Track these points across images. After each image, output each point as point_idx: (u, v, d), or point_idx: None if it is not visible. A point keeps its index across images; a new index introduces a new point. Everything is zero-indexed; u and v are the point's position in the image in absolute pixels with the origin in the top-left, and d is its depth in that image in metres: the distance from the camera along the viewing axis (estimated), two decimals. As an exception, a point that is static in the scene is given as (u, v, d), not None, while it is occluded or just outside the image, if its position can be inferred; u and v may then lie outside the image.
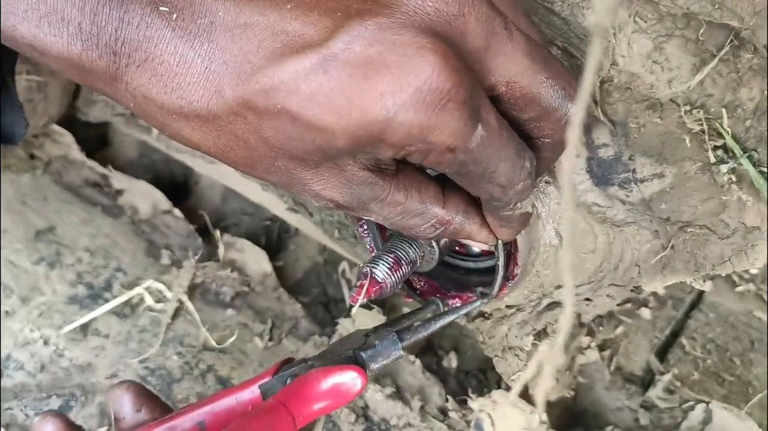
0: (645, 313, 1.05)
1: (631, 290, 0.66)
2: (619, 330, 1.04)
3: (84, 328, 0.96)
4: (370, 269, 0.62)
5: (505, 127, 0.42)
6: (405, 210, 0.45)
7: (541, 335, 0.75)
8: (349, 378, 0.45)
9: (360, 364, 0.50)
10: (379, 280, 0.62)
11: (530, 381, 0.34)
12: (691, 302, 1.08)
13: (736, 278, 1.08)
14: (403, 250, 0.66)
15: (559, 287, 0.69)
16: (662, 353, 1.03)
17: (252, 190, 1.00)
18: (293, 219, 0.99)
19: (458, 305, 0.71)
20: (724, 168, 0.52)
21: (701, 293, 1.08)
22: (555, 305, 0.71)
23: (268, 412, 0.44)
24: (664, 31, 0.51)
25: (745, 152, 0.51)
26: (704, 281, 0.59)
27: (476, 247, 0.75)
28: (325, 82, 0.36)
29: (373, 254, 0.65)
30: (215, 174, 1.06)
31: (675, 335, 1.04)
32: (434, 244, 0.66)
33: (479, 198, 0.47)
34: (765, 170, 0.55)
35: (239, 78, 0.38)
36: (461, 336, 1.10)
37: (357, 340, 0.55)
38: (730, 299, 1.07)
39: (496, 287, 0.63)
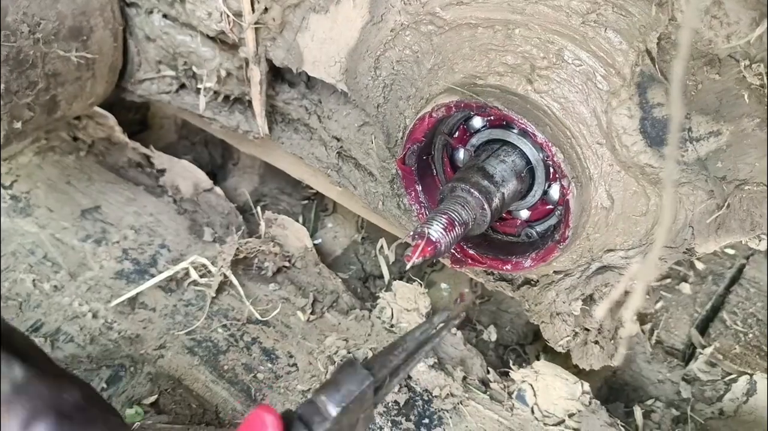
0: (685, 288, 1.05)
1: (684, 253, 0.66)
2: (660, 304, 1.04)
3: (131, 302, 0.98)
4: (426, 229, 0.63)
5: None
6: None
7: (589, 300, 0.75)
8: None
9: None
10: (434, 239, 0.63)
11: (620, 298, 0.35)
12: (732, 277, 1.07)
13: (776, 254, 1.08)
14: (456, 212, 0.66)
15: (609, 250, 0.70)
16: (703, 327, 1.02)
17: (293, 166, 1.02)
18: (335, 194, 1.00)
19: (509, 269, 0.72)
20: (784, 122, 0.52)
21: (741, 268, 1.07)
22: (604, 269, 0.71)
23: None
24: (724, -16, 0.52)
25: (806, 105, 0.51)
26: (759, 240, 0.59)
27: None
28: None
29: (427, 216, 0.66)
30: (256, 151, 1.07)
31: (716, 309, 1.04)
32: (486, 206, 0.67)
33: None
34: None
35: None
36: (499, 311, 1.10)
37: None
38: (771, 273, 1.06)
39: None
